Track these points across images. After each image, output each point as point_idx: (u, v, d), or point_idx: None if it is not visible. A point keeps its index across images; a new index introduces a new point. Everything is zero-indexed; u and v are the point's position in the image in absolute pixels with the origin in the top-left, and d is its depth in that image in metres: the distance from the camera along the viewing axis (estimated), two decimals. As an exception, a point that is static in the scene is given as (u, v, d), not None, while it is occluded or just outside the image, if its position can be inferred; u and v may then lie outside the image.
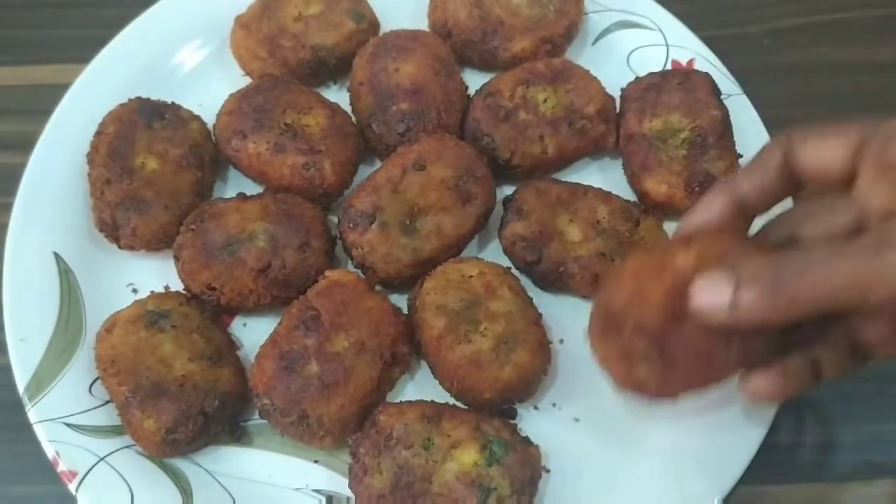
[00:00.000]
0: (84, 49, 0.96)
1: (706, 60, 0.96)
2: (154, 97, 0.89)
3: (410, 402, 0.74)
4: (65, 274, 0.82)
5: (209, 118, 0.89)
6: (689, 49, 0.97)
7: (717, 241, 0.60)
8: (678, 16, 1.00)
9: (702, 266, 0.58)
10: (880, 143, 0.56)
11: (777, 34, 1.07)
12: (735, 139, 0.87)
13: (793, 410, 0.80)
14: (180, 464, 0.75)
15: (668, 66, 0.96)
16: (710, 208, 0.63)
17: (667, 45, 0.98)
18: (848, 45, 1.06)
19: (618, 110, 0.91)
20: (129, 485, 0.72)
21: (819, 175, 0.60)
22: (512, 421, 0.77)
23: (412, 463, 0.69)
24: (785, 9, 1.09)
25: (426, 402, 0.74)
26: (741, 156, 0.86)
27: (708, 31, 0.99)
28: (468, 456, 0.70)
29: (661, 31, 0.99)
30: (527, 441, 0.73)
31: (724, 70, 0.95)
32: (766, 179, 0.62)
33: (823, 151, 0.58)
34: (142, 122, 0.85)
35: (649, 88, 0.89)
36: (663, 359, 0.61)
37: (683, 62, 0.96)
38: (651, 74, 0.91)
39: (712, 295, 0.56)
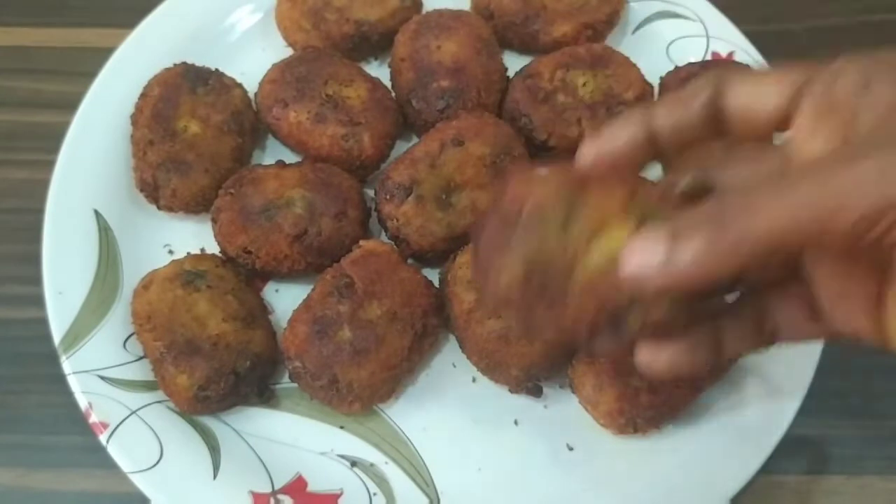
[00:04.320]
0: (127, 15, 0.97)
1: (746, 54, 0.96)
2: (198, 64, 0.90)
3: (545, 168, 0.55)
4: (104, 231, 0.84)
5: (251, 87, 0.90)
6: (730, 42, 0.97)
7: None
8: (720, 9, 1.00)
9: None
10: (824, 83, 0.46)
11: (817, 33, 1.07)
12: (772, 132, 0.87)
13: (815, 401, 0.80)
14: (209, 422, 0.76)
15: (708, 58, 0.96)
16: (617, 137, 0.53)
17: (707, 36, 0.98)
18: (887, 47, 1.05)
19: (655, 99, 0.91)
20: (159, 438, 0.74)
21: (749, 119, 0.49)
22: (533, 397, 0.77)
23: (548, 249, 0.50)
24: (826, 8, 1.09)
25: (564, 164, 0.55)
26: (777, 148, 0.87)
27: (748, 25, 0.99)
28: (619, 238, 0.49)
29: (702, 23, 0.99)
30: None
31: (764, 64, 0.95)
32: (688, 115, 0.51)
33: (759, 93, 0.48)
34: (186, 86, 0.86)
35: (689, 77, 0.89)
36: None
37: (723, 54, 0.96)
38: (690, 64, 0.91)
39: (647, 256, 0.44)
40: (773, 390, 0.77)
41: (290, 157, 0.88)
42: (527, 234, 0.50)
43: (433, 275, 0.83)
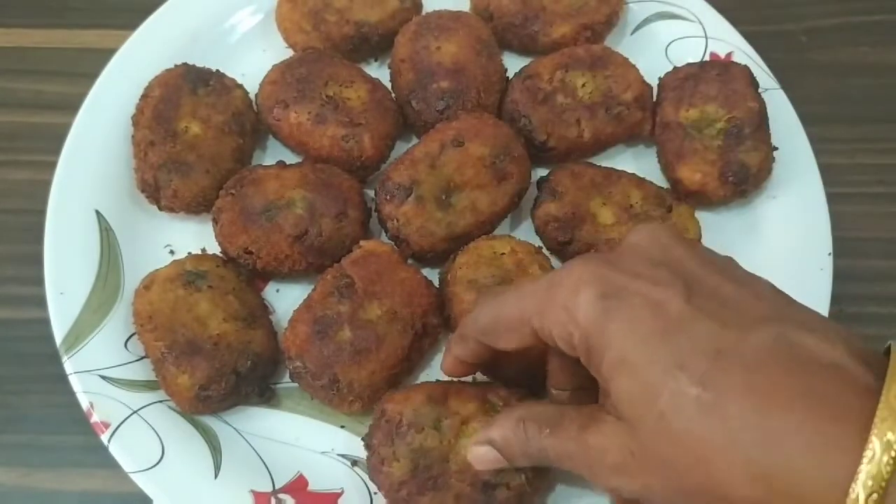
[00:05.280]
0: (128, 16, 0.98)
1: (745, 54, 0.96)
2: (199, 65, 0.90)
3: (414, 385, 0.75)
4: (105, 232, 0.84)
5: (251, 88, 0.91)
6: (728, 42, 0.98)
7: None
8: (718, 10, 1.00)
9: None
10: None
11: (816, 33, 1.07)
12: (770, 132, 0.88)
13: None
14: (211, 421, 0.77)
15: (707, 59, 0.96)
16: (447, 365, 0.71)
17: (706, 37, 0.98)
18: (886, 47, 1.07)
19: (654, 99, 0.92)
20: (160, 438, 0.74)
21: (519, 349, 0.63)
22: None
23: (427, 446, 0.70)
24: (825, 8, 1.09)
25: (430, 383, 0.75)
26: (776, 148, 0.87)
27: (747, 26, 1.00)
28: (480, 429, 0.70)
29: (700, 23, 0.99)
30: None
31: (763, 64, 0.96)
32: (474, 355, 0.67)
33: (510, 342, 0.62)
34: (187, 87, 0.87)
35: (687, 78, 0.90)
36: None
37: (722, 55, 0.97)
38: (689, 65, 0.92)
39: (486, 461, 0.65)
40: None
41: (291, 158, 0.88)
42: (410, 431, 0.69)
43: (433, 275, 0.83)
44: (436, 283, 0.81)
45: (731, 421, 0.47)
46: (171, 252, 0.85)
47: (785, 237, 0.87)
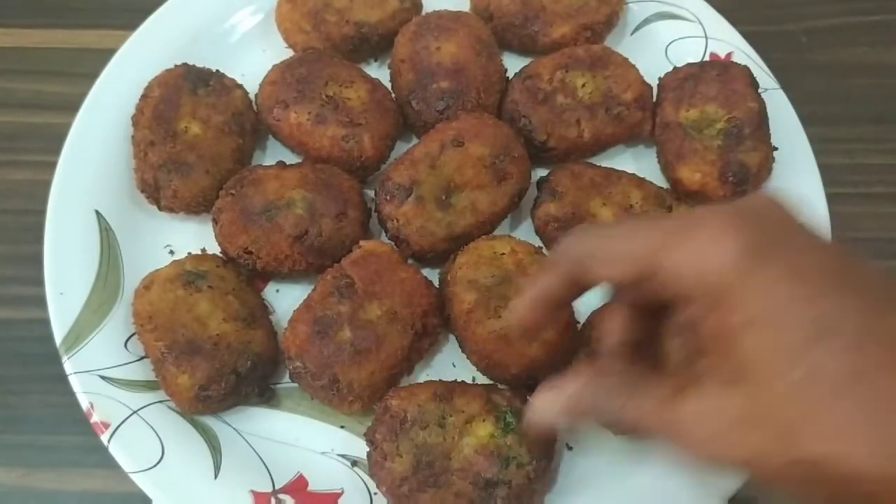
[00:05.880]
0: (128, 16, 0.98)
1: (744, 54, 0.96)
2: (199, 65, 0.90)
3: (419, 383, 0.75)
4: (105, 232, 0.84)
5: (251, 89, 0.91)
6: (728, 42, 0.98)
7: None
8: (718, 10, 1.00)
9: None
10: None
11: (815, 33, 1.07)
12: (770, 132, 0.88)
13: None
14: (210, 422, 0.77)
15: (707, 59, 0.96)
16: (522, 307, 0.64)
17: (706, 37, 0.98)
18: (885, 47, 1.07)
19: (654, 99, 0.92)
20: (160, 438, 0.74)
21: (613, 283, 0.60)
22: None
23: (430, 442, 0.70)
24: (824, 8, 1.09)
25: (435, 381, 0.75)
26: (776, 148, 0.87)
27: (747, 26, 1.00)
28: (484, 429, 0.71)
29: (700, 24, 0.99)
30: None
31: (762, 64, 0.96)
32: (556, 284, 0.61)
33: (613, 271, 0.57)
34: (187, 87, 0.87)
35: (687, 78, 0.90)
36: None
37: (722, 55, 0.97)
38: (689, 65, 0.92)
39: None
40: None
41: (291, 158, 0.88)
42: (414, 427, 0.70)
43: (433, 275, 0.83)
44: (436, 283, 0.81)
45: (877, 396, 0.47)
46: (171, 252, 0.86)
47: (785, 237, 0.87)
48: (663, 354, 0.59)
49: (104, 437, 0.73)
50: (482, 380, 0.79)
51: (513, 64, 0.95)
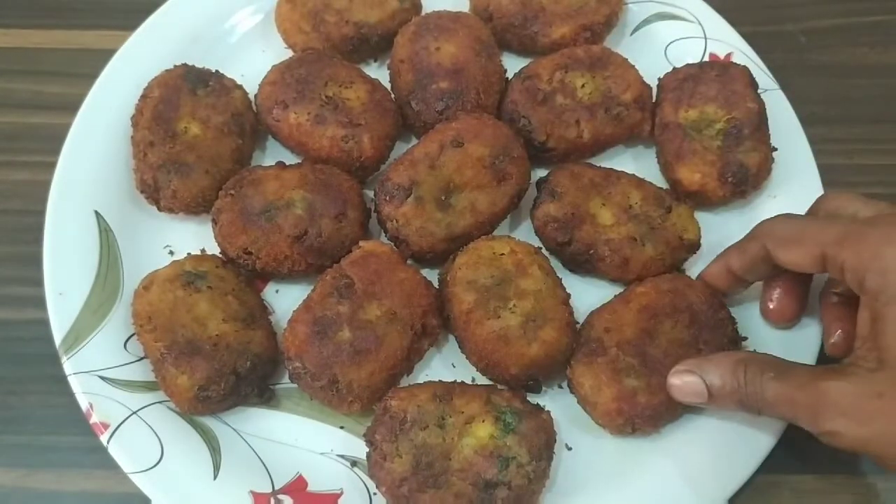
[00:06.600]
0: (127, 17, 0.98)
1: (744, 55, 0.96)
2: (199, 66, 0.91)
3: (419, 384, 0.75)
4: (105, 232, 0.84)
5: (251, 89, 0.91)
6: (728, 43, 0.98)
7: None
8: (717, 11, 1.00)
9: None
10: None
11: (814, 33, 1.08)
12: (770, 133, 0.88)
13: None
14: (210, 422, 0.77)
15: (706, 59, 0.97)
16: (712, 271, 0.80)
17: (705, 38, 0.99)
18: (884, 47, 1.07)
19: (654, 100, 0.92)
20: (159, 438, 0.74)
21: (795, 268, 0.72)
22: (532, 394, 0.78)
23: (430, 443, 0.70)
24: (823, 9, 1.10)
25: (435, 382, 0.75)
26: (775, 149, 0.87)
27: (746, 27, 1.00)
28: (483, 429, 0.71)
29: (700, 24, 0.99)
30: (537, 408, 0.73)
31: (762, 65, 0.96)
32: (747, 263, 0.76)
33: (794, 257, 0.70)
34: (186, 88, 0.87)
35: (687, 79, 0.90)
36: (646, 367, 0.74)
37: (721, 56, 0.97)
38: (689, 65, 0.92)
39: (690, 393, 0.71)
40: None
41: (291, 159, 0.88)
42: (414, 428, 0.70)
43: (433, 275, 0.83)
44: (435, 283, 0.81)
45: None
46: (171, 252, 0.86)
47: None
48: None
49: (104, 438, 0.73)
50: (482, 380, 0.79)
51: (512, 64, 0.95)
